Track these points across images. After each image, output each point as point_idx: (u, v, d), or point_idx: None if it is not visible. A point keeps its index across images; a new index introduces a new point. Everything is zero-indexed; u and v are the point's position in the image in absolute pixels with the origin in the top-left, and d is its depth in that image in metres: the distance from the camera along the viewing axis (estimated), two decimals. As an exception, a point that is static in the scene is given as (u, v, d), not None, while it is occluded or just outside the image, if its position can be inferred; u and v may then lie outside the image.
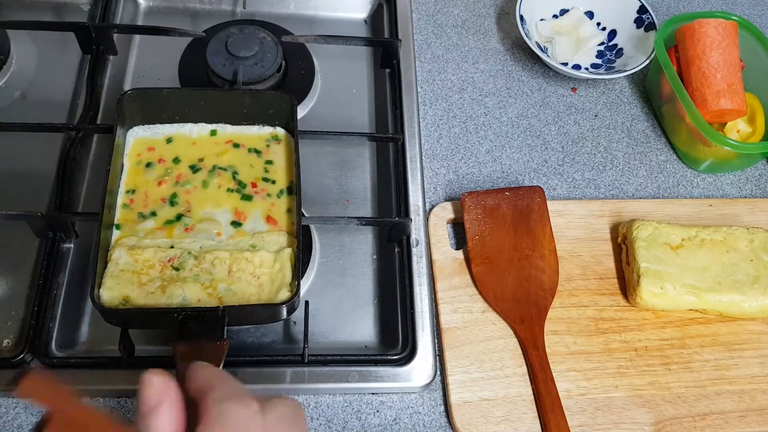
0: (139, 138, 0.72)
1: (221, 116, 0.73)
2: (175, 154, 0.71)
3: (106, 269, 0.62)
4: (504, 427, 0.67)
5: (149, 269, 0.63)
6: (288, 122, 0.74)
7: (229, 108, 0.73)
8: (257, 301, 0.62)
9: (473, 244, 0.75)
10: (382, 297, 0.74)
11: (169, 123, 0.73)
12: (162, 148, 0.72)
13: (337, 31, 0.92)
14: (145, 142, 0.72)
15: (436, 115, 0.89)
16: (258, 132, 0.74)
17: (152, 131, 0.72)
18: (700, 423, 0.69)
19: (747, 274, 0.74)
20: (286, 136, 0.74)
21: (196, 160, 0.71)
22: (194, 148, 0.72)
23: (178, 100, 0.72)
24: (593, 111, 0.93)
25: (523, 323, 0.71)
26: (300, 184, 0.67)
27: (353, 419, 0.67)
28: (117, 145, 0.67)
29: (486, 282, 0.74)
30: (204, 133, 0.73)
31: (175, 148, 0.72)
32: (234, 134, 0.74)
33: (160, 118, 0.72)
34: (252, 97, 0.73)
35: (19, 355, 0.63)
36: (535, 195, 0.78)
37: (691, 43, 0.85)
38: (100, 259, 0.61)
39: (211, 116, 0.73)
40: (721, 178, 0.89)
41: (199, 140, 0.73)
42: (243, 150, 0.72)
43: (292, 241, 0.66)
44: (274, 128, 0.74)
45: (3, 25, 0.84)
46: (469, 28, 0.98)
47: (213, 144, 0.73)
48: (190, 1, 0.93)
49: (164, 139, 0.72)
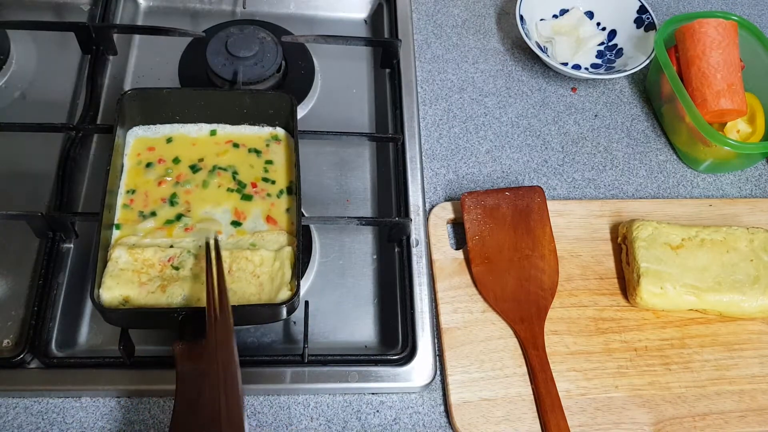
0: (139, 138, 0.72)
1: (221, 116, 0.73)
2: (175, 154, 0.71)
3: (106, 269, 0.62)
4: (504, 427, 0.67)
5: (149, 268, 0.63)
6: (288, 122, 0.74)
7: (229, 108, 0.73)
8: (257, 301, 0.62)
9: (473, 244, 0.75)
10: (382, 297, 0.74)
11: (169, 123, 0.73)
12: (162, 148, 0.72)
13: (337, 31, 0.92)
14: (145, 142, 0.72)
15: (436, 115, 0.89)
16: (258, 132, 0.74)
17: (152, 131, 0.73)
18: (700, 423, 0.69)
19: (747, 274, 0.74)
20: (286, 136, 0.74)
21: (196, 160, 0.71)
22: (194, 148, 0.72)
23: (178, 100, 0.72)
24: (593, 111, 0.93)
25: (523, 323, 0.71)
26: (300, 184, 0.67)
27: (353, 419, 0.67)
28: (117, 145, 0.67)
29: (486, 282, 0.74)
30: (204, 133, 0.73)
31: (175, 148, 0.72)
32: (234, 134, 0.74)
33: (160, 118, 0.73)
34: (252, 97, 0.73)
35: (19, 355, 0.63)
36: (535, 195, 0.78)
37: (691, 43, 0.85)
38: (99, 259, 0.61)
39: (211, 116, 0.73)
40: (721, 178, 0.89)
41: (199, 140, 0.73)
42: (243, 150, 0.73)
43: (292, 241, 0.66)
44: (274, 128, 0.74)
45: (3, 25, 0.84)
46: (469, 28, 0.98)
47: (213, 144, 0.73)
48: (190, 1, 0.93)
49: (164, 138, 0.72)
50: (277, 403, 0.67)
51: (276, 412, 0.66)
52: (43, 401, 0.65)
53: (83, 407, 0.65)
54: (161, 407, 0.65)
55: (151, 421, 0.64)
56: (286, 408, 0.67)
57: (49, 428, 0.63)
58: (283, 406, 0.67)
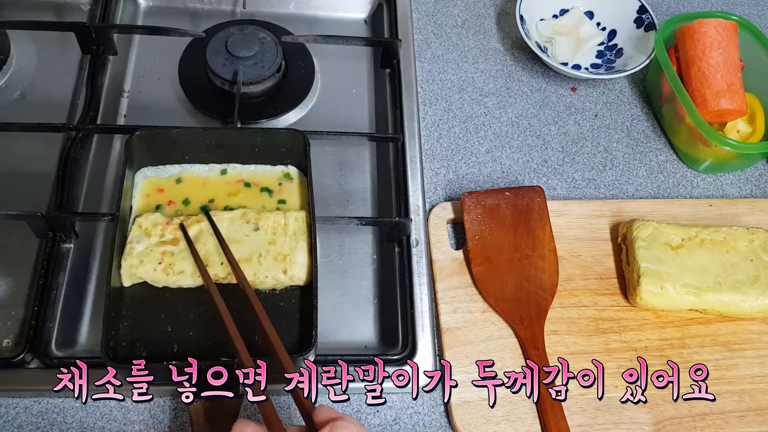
0: (149, 178, 0.71)
1: (232, 156, 0.72)
2: (185, 195, 0.70)
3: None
4: (504, 427, 0.67)
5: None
6: (300, 160, 0.73)
7: (241, 147, 0.72)
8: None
9: (473, 244, 0.75)
10: (382, 297, 0.74)
11: (179, 163, 0.72)
12: (172, 188, 0.70)
13: (337, 31, 0.92)
14: (155, 183, 0.71)
15: (436, 115, 0.89)
16: (270, 171, 0.73)
17: (161, 171, 0.71)
18: (700, 423, 0.69)
19: (747, 274, 0.74)
20: (299, 175, 0.73)
21: (206, 200, 0.70)
22: (205, 189, 0.71)
23: (188, 140, 0.71)
24: (593, 111, 0.93)
25: (523, 323, 0.71)
26: (315, 224, 0.66)
27: (353, 419, 0.67)
28: (126, 188, 0.66)
29: (486, 282, 0.74)
30: (215, 172, 0.72)
31: (185, 189, 0.70)
32: (245, 173, 0.72)
33: (169, 159, 0.72)
34: (264, 135, 0.72)
35: (19, 355, 0.63)
36: (535, 195, 0.78)
37: (691, 43, 0.85)
38: (106, 317, 0.60)
39: (222, 156, 0.72)
40: (721, 178, 0.89)
41: (210, 180, 0.71)
42: (255, 189, 0.71)
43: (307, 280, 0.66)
44: (286, 167, 0.73)
45: (3, 25, 0.84)
46: (469, 28, 0.98)
47: (224, 183, 0.71)
48: (190, 1, 0.93)
49: (174, 179, 0.71)
50: (277, 404, 0.67)
51: (276, 412, 0.66)
52: (43, 401, 0.65)
53: (83, 407, 0.65)
54: (161, 407, 0.65)
55: (151, 421, 0.64)
56: (286, 408, 0.67)
57: (49, 428, 0.63)
58: (283, 406, 0.67)
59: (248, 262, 0.65)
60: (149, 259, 0.64)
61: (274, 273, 0.65)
